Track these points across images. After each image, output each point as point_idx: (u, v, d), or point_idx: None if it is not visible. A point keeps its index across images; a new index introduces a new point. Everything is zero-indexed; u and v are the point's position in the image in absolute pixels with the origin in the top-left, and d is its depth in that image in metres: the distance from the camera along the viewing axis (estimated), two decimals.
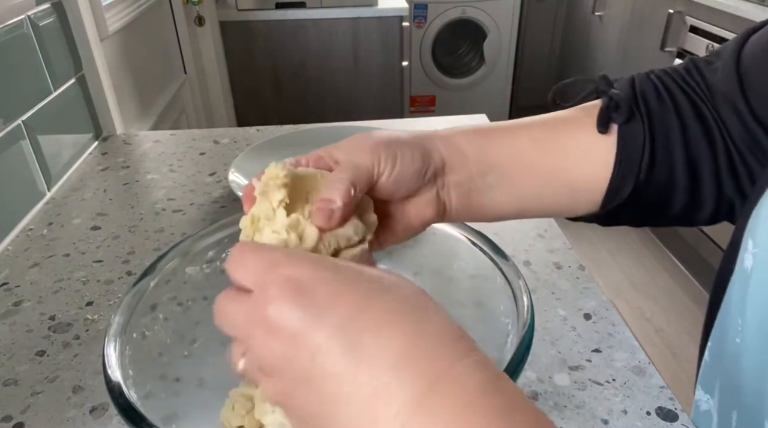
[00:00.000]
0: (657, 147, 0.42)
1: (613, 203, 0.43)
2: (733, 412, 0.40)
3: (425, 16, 3.02)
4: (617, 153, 0.42)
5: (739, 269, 0.38)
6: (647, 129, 0.42)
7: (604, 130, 0.42)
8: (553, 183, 0.43)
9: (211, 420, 0.42)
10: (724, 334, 0.40)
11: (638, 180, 0.42)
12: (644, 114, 0.42)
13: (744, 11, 1.72)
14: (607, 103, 0.43)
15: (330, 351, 0.23)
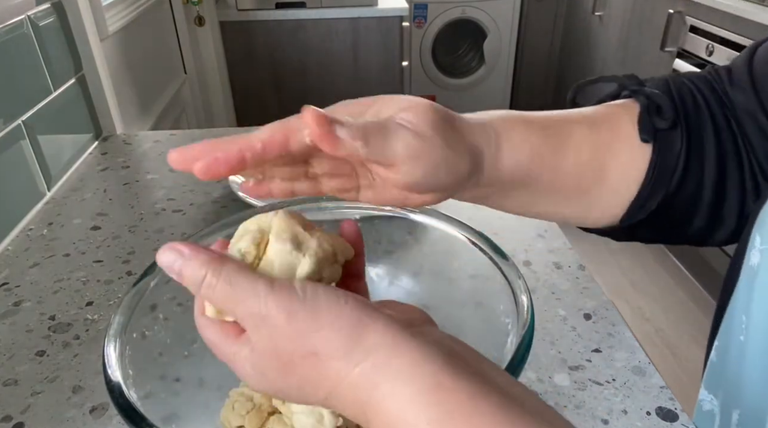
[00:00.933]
0: (692, 159, 0.39)
1: (636, 217, 0.40)
2: (734, 411, 0.39)
3: (425, 16, 3.02)
4: (652, 163, 0.39)
5: (746, 266, 0.37)
6: (685, 138, 0.39)
7: (649, 138, 0.39)
8: (576, 202, 0.41)
9: (211, 420, 0.42)
10: (730, 332, 0.40)
11: (667, 193, 0.39)
12: (683, 119, 0.39)
13: (744, 11, 1.72)
14: (647, 106, 0.39)
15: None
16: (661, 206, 0.40)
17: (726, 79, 0.41)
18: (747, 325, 0.37)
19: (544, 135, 0.38)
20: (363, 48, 2.20)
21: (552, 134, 0.38)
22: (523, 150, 0.37)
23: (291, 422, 0.38)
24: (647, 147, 0.39)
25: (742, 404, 0.38)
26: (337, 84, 2.26)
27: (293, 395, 0.27)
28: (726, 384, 0.41)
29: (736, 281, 0.39)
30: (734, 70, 0.41)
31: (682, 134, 0.39)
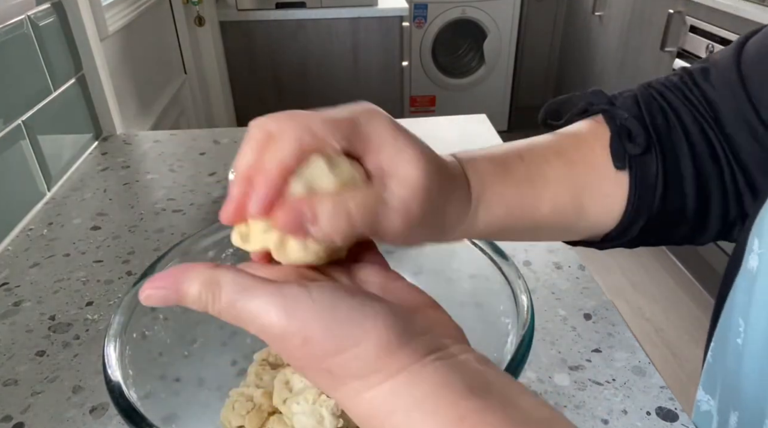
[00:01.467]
0: (669, 178, 0.38)
1: (620, 241, 0.40)
2: (733, 413, 0.39)
3: (425, 16, 3.02)
4: (631, 189, 0.38)
5: (744, 269, 0.37)
6: (659, 159, 0.38)
7: (622, 165, 0.38)
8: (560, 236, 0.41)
9: (211, 420, 0.42)
10: (726, 334, 0.40)
11: (650, 215, 0.39)
12: (655, 141, 0.38)
13: (744, 11, 1.72)
14: (618, 131, 0.39)
15: None
16: (645, 230, 0.40)
17: (701, 80, 0.40)
18: (745, 328, 0.37)
19: (520, 192, 0.37)
20: (363, 48, 2.20)
21: (528, 186, 0.37)
22: (499, 209, 0.36)
23: (291, 422, 0.38)
24: (624, 176, 0.39)
25: (741, 406, 0.38)
26: (337, 84, 2.26)
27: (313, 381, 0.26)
28: (723, 386, 0.41)
29: (733, 284, 0.39)
30: (715, 69, 0.40)
31: (656, 156, 0.38)
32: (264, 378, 0.44)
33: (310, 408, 0.37)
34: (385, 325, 0.24)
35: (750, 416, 0.37)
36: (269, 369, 0.45)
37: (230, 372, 0.48)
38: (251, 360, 0.46)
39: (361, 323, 0.23)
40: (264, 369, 0.45)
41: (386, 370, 0.23)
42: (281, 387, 0.40)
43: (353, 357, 0.23)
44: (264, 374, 0.44)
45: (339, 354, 0.23)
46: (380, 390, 0.23)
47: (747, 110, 0.38)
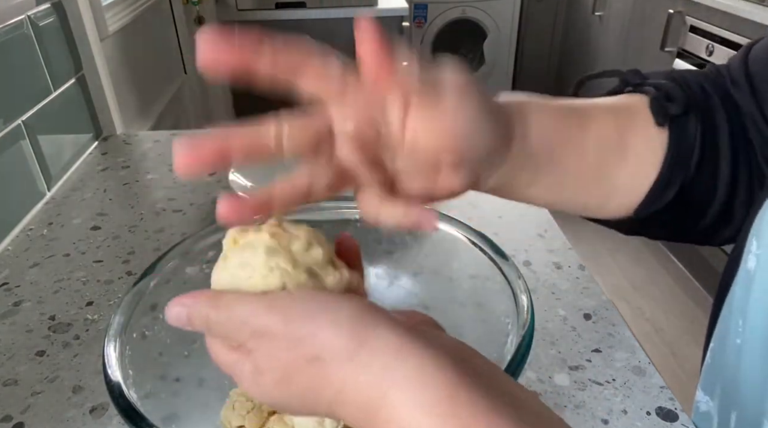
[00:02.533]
0: (706, 143, 0.38)
1: (653, 207, 0.39)
2: (732, 413, 0.40)
3: (425, 16, 3.02)
4: (669, 149, 0.38)
5: (742, 270, 0.37)
6: (699, 123, 0.38)
7: (663, 121, 0.38)
8: (597, 186, 0.40)
9: (211, 420, 0.42)
10: (725, 335, 0.40)
11: (684, 181, 0.38)
12: (694, 107, 0.38)
13: (744, 11, 1.72)
14: (657, 93, 0.39)
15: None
16: (678, 196, 0.39)
17: (728, 78, 0.41)
18: (744, 328, 0.37)
19: (568, 113, 0.38)
20: None
21: (575, 112, 0.38)
22: (548, 125, 0.37)
23: (291, 422, 0.38)
24: (663, 134, 0.38)
25: (740, 405, 0.39)
26: None
27: (294, 406, 0.27)
28: (723, 386, 0.41)
29: (731, 285, 0.39)
30: (731, 70, 0.41)
31: (696, 119, 0.38)
32: None
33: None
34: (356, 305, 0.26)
35: (749, 415, 0.37)
36: None
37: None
38: None
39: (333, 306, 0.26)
40: None
41: (368, 347, 0.24)
42: None
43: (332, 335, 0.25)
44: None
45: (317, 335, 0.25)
46: (373, 369, 0.24)
47: (755, 113, 0.38)
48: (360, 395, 0.24)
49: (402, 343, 0.24)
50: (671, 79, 0.40)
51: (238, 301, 0.27)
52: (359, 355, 0.24)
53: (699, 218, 0.41)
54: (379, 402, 0.24)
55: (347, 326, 0.25)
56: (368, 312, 0.26)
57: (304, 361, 0.25)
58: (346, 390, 0.25)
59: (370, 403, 0.24)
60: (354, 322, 0.25)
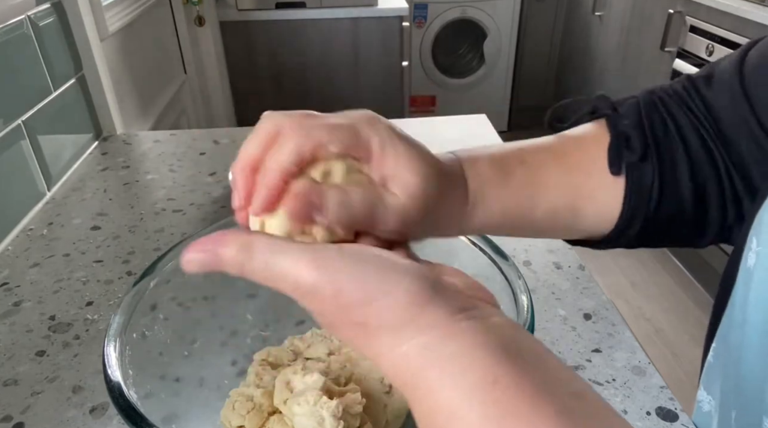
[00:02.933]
0: (665, 185, 0.39)
1: (617, 242, 0.42)
2: (732, 410, 0.40)
3: (425, 16, 3.02)
4: (626, 196, 0.40)
5: (742, 267, 0.38)
6: (657, 166, 0.39)
7: (618, 171, 0.39)
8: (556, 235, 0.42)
9: (211, 420, 0.42)
10: (727, 333, 0.40)
11: (646, 219, 0.40)
12: (653, 150, 0.40)
13: (744, 11, 1.72)
14: (617, 137, 0.40)
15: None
16: (643, 232, 0.41)
17: (704, 87, 0.41)
18: (744, 325, 0.37)
19: (517, 197, 0.38)
20: (363, 48, 2.20)
21: (526, 191, 0.39)
22: (496, 211, 0.37)
23: (292, 422, 0.38)
24: (620, 182, 0.40)
25: (740, 403, 0.39)
26: (337, 84, 2.26)
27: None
28: (724, 384, 0.41)
29: (733, 284, 0.39)
30: (718, 76, 0.41)
31: (653, 163, 0.39)
32: (264, 378, 0.44)
33: (311, 410, 0.37)
34: (415, 277, 0.24)
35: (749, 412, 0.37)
36: (269, 369, 0.45)
37: (230, 372, 0.48)
38: (251, 360, 0.46)
39: (390, 275, 0.24)
40: (264, 369, 0.45)
41: (417, 323, 0.24)
42: (282, 388, 0.40)
43: (384, 307, 0.24)
44: (264, 374, 0.44)
45: (370, 304, 0.24)
46: (413, 344, 0.23)
47: (748, 116, 0.38)
48: (395, 367, 0.24)
49: (451, 323, 0.24)
50: (637, 115, 0.41)
51: (277, 249, 0.25)
52: (406, 329, 0.24)
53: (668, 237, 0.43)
54: (417, 379, 0.23)
55: (403, 300, 0.24)
56: (428, 287, 0.25)
57: (349, 325, 0.25)
58: (382, 358, 0.24)
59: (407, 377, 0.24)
60: (411, 297, 0.24)
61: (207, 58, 2.02)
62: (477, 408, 0.22)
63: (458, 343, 0.23)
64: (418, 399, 0.23)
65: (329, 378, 0.40)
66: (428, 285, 0.25)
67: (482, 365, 0.22)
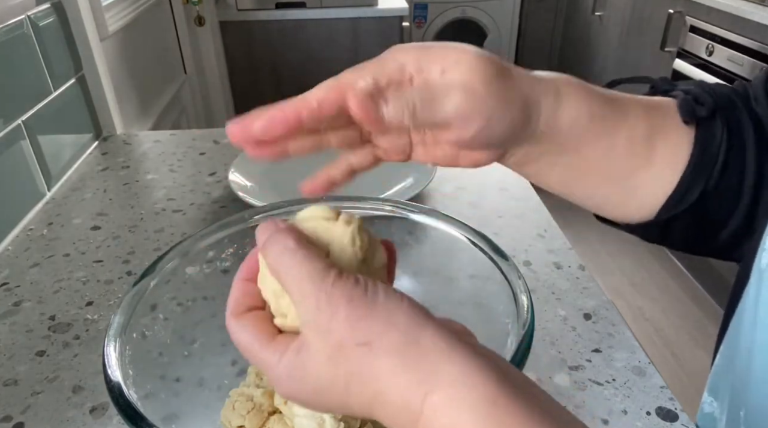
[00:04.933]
0: (732, 150, 0.38)
1: (674, 210, 0.39)
2: (741, 409, 0.39)
3: (425, 16, 3.02)
4: (693, 151, 0.38)
5: (756, 267, 0.37)
6: (725, 128, 0.38)
7: (690, 120, 0.38)
8: (619, 183, 0.40)
9: (211, 420, 0.42)
10: (738, 335, 0.40)
11: (707, 186, 0.38)
12: (721, 110, 0.39)
13: (744, 11, 1.72)
14: (684, 96, 0.39)
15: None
16: (700, 202, 0.39)
17: (751, 95, 0.41)
18: (755, 326, 0.37)
19: (605, 101, 0.38)
20: (363, 48, 2.20)
21: (612, 102, 0.38)
22: (582, 108, 0.37)
23: (292, 423, 0.38)
24: (690, 136, 0.39)
25: (749, 404, 0.38)
26: None
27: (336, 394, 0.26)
28: (733, 384, 0.41)
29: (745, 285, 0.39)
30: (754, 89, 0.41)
31: (722, 124, 0.38)
32: (264, 378, 0.44)
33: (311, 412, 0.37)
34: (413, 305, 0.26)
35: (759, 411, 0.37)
36: None
37: (230, 372, 0.48)
38: None
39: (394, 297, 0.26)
40: None
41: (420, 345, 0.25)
42: None
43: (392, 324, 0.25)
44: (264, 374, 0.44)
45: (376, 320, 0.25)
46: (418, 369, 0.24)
47: None
48: (400, 397, 0.24)
49: (451, 346, 0.25)
50: (699, 86, 0.41)
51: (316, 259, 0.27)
52: (409, 352, 0.24)
53: (720, 227, 0.40)
54: (420, 407, 0.24)
55: (402, 323, 0.25)
56: (421, 313, 0.26)
57: (354, 343, 0.25)
58: (389, 384, 0.25)
59: (411, 407, 0.24)
60: (408, 320, 0.25)
61: (207, 58, 2.02)
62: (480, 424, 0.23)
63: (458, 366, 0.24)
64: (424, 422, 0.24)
65: None
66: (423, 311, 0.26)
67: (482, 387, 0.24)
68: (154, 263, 0.44)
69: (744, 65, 1.73)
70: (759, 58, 1.67)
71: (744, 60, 1.72)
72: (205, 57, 2.02)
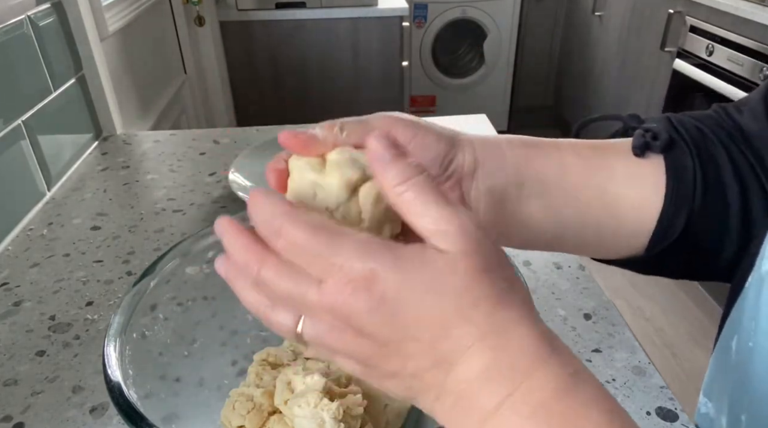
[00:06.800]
0: (708, 175, 0.38)
1: (664, 241, 0.39)
2: (742, 414, 0.39)
3: (425, 16, 3.02)
4: (668, 181, 0.38)
5: (755, 273, 0.37)
6: (695, 156, 0.38)
7: (640, 153, 0.38)
8: (596, 206, 0.39)
9: (211, 420, 0.42)
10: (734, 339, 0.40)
11: (692, 211, 0.38)
12: (688, 142, 0.39)
13: (744, 11, 1.72)
14: (643, 133, 0.39)
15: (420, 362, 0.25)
16: (690, 229, 0.38)
17: (735, 113, 0.41)
18: (755, 331, 0.37)
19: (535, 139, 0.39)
20: (363, 48, 2.20)
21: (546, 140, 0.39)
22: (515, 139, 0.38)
23: (292, 423, 0.38)
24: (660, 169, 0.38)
25: (751, 408, 0.38)
26: (337, 84, 2.26)
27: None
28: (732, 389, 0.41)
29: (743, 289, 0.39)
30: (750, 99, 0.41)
31: (690, 151, 0.38)
32: (264, 378, 0.44)
33: (312, 412, 0.37)
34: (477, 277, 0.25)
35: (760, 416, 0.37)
36: (269, 369, 0.45)
37: (230, 372, 0.48)
38: (251, 360, 0.46)
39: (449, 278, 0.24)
40: (264, 369, 0.45)
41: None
42: (283, 388, 0.40)
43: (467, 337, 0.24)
44: (264, 374, 0.44)
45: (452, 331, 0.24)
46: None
47: None
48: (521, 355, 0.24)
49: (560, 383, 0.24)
50: (666, 121, 0.41)
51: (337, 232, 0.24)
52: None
53: (717, 253, 0.40)
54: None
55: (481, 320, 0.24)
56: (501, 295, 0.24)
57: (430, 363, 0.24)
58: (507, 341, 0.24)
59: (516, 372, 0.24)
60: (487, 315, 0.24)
61: (207, 58, 2.02)
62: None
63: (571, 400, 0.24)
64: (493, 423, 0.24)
65: (330, 379, 0.40)
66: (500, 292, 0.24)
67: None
68: (154, 263, 0.44)
69: (744, 65, 1.72)
70: (759, 58, 1.67)
71: (744, 60, 1.72)
72: (205, 57, 2.02)
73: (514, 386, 0.23)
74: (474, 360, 0.24)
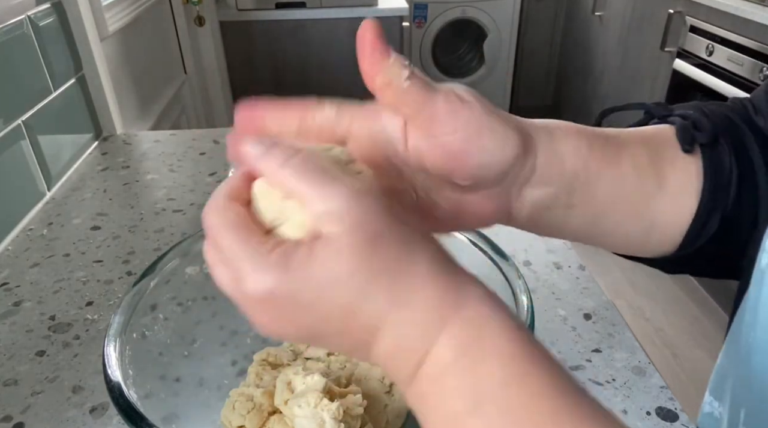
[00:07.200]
0: (742, 167, 0.37)
1: (697, 241, 0.38)
2: (741, 409, 0.40)
3: (425, 16, 3.02)
4: (705, 179, 0.37)
5: (756, 268, 0.37)
6: (730, 147, 0.37)
7: (690, 148, 0.37)
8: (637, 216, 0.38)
9: (211, 420, 0.42)
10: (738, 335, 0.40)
11: (725, 212, 0.37)
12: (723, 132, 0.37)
13: (744, 11, 1.72)
14: (682, 122, 0.38)
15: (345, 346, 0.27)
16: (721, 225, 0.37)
17: (750, 107, 0.40)
18: (755, 326, 0.37)
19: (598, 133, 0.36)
20: None
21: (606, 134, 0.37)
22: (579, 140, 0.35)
23: (292, 423, 0.38)
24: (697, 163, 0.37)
25: (749, 403, 0.39)
26: (337, 84, 2.26)
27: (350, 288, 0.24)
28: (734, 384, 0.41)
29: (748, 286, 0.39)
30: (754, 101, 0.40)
31: (726, 144, 0.37)
32: (264, 378, 0.44)
33: (312, 412, 0.37)
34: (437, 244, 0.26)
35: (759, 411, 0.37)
36: (269, 369, 0.45)
37: (230, 372, 0.48)
38: (251, 360, 0.46)
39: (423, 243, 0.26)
40: (264, 369, 0.45)
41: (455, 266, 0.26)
42: (283, 388, 0.40)
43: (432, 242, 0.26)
44: (264, 374, 0.44)
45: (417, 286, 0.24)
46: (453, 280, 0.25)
47: None
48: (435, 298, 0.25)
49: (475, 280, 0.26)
50: (697, 109, 0.39)
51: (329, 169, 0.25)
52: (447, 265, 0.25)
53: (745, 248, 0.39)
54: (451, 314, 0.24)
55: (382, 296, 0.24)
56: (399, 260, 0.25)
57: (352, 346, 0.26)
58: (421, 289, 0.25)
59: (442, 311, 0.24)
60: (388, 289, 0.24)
61: (207, 58, 2.02)
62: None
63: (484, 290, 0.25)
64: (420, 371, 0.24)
65: (330, 379, 0.40)
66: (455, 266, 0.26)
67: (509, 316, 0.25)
68: (154, 263, 0.44)
69: (744, 65, 1.73)
70: (759, 58, 1.67)
71: (744, 60, 1.72)
72: (205, 57, 2.02)
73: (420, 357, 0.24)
74: (384, 340, 0.25)
